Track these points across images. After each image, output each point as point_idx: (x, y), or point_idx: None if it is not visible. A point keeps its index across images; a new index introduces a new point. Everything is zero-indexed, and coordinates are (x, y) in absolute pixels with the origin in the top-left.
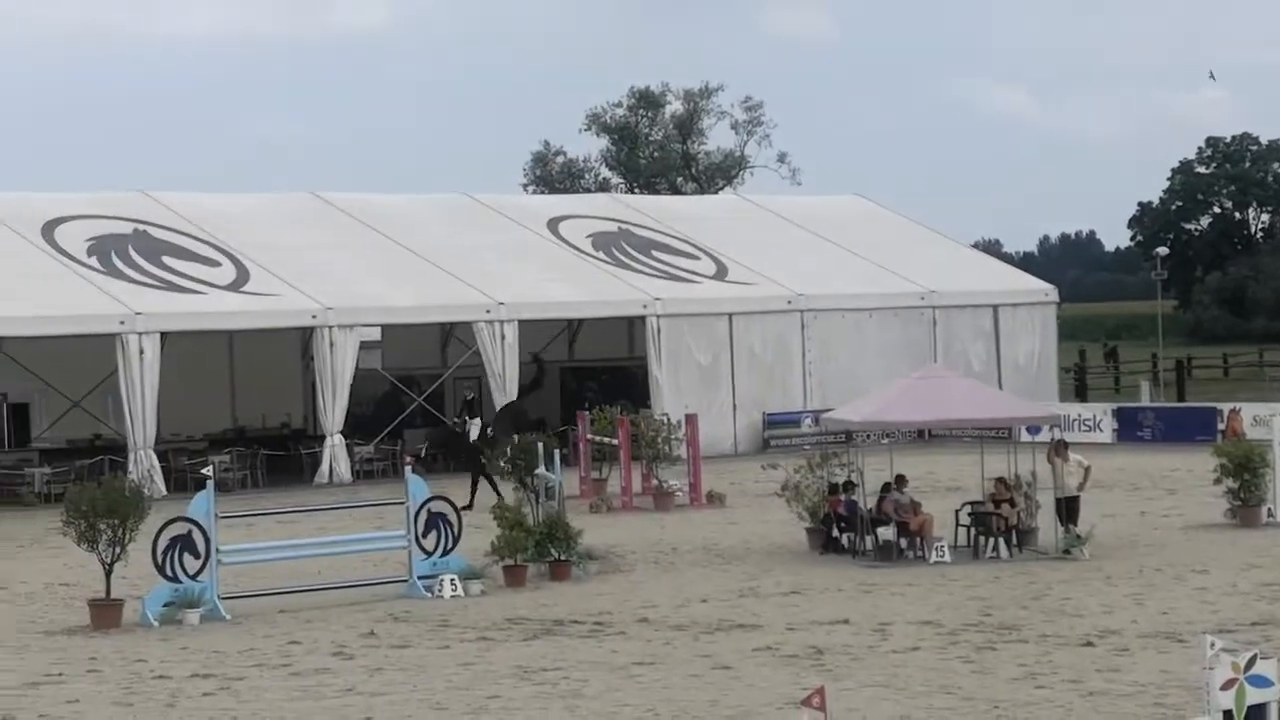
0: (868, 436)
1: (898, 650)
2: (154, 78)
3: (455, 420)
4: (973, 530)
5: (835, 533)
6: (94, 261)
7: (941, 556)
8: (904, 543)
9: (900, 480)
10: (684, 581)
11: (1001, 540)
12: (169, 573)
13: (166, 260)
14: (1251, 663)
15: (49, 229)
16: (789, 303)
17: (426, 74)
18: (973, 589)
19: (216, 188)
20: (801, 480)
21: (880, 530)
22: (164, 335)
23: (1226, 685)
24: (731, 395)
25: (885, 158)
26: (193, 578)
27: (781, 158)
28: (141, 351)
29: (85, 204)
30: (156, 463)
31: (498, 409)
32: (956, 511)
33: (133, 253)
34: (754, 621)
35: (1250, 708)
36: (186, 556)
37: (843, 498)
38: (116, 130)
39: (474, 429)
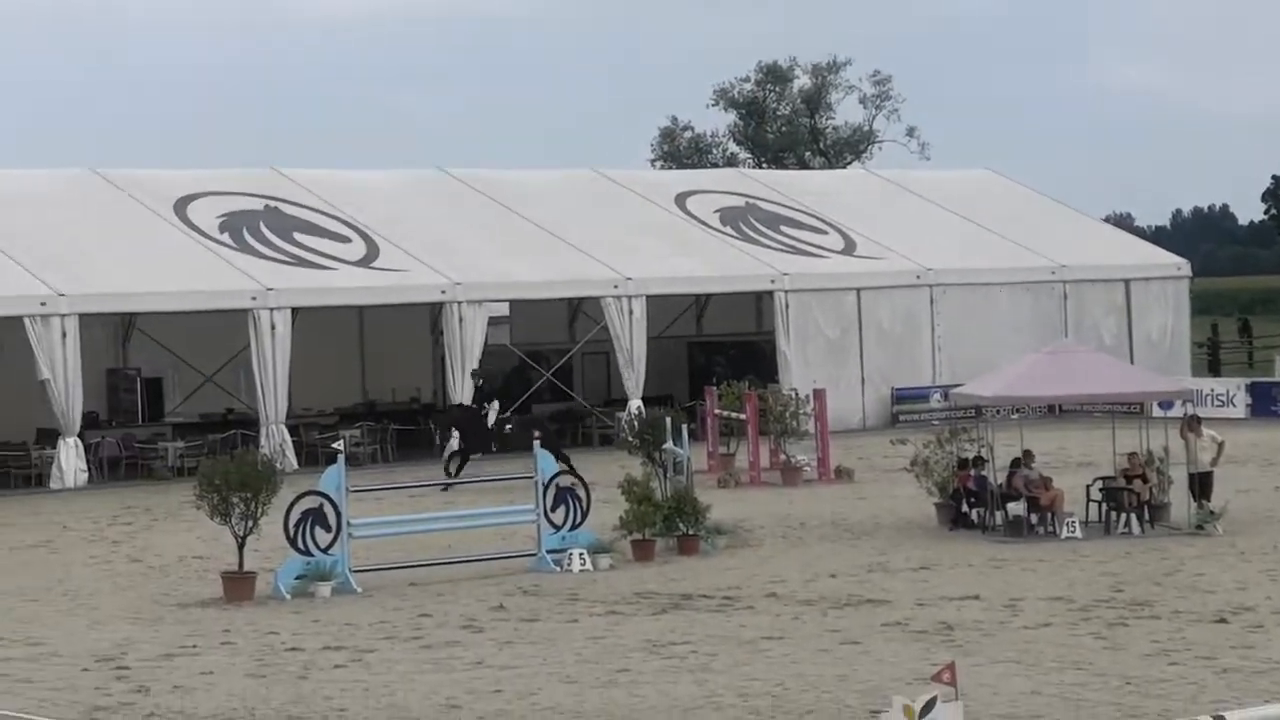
0: (998, 412)
1: (1029, 626)
2: (285, 54)
3: (477, 405)
4: (1104, 506)
5: (965, 508)
6: (226, 238)
7: (1073, 532)
8: (1034, 518)
9: (1028, 455)
10: (812, 556)
11: (1133, 516)
12: (301, 546)
13: (297, 236)
14: None
15: (181, 206)
16: (918, 277)
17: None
18: (1104, 565)
19: (346, 164)
20: (930, 455)
21: (1010, 506)
22: (295, 311)
23: None
24: (860, 370)
25: (1016, 132)
26: (324, 551)
27: (910, 132)
28: (273, 327)
29: (217, 180)
30: (288, 437)
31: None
32: (1088, 487)
33: (264, 229)
34: (883, 597)
35: None
36: (318, 530)
37: (972, 473)
38: (247, 107)
39: (492, 412)
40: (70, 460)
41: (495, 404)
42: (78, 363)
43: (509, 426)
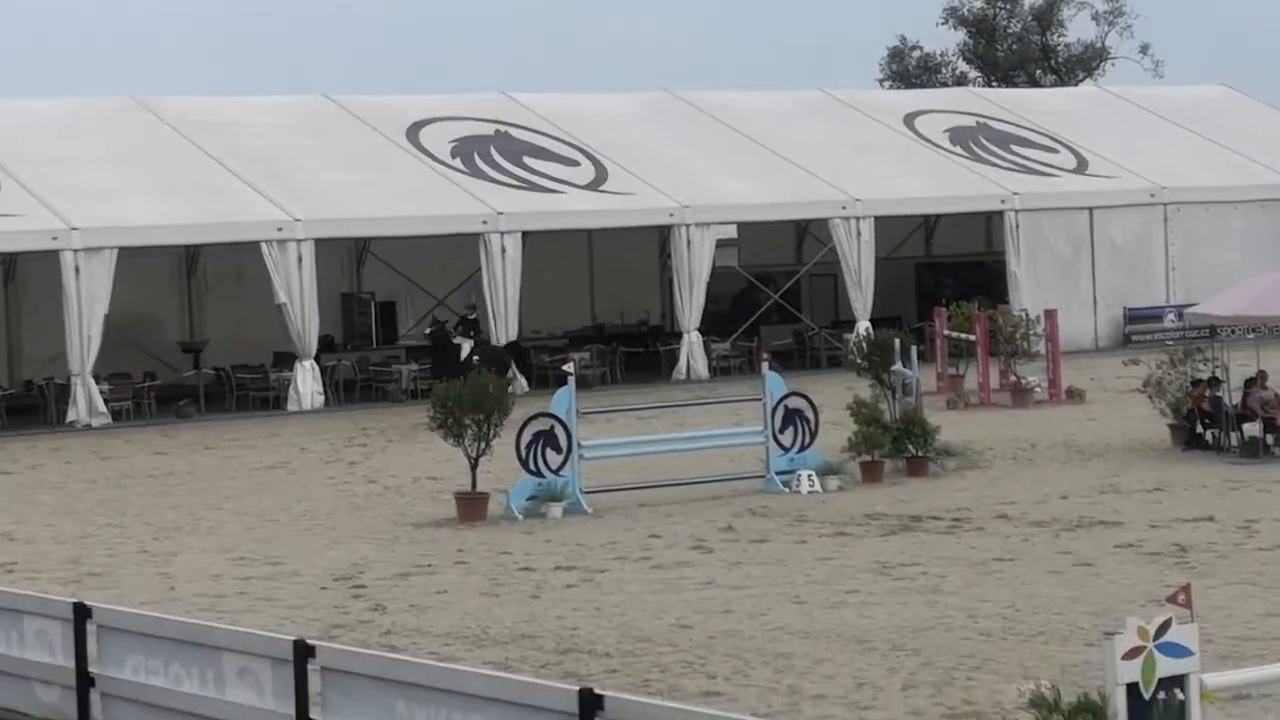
0: (1233, 331)
1: (1264, 548)
2: None
3: (452, 331)
4: None
5: (1199, 429)
6: (457, 163)
7: None
8: (1270, 439)
9: (1263, 376)
10: (1043, 478)
11: None
12: (532, 467)
13: (527, 160)
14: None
15: (413, 131)
16: (1151, 196)
17: None
18: None
19: (574, 87)
20: (1164, 376)
21: (1246, 426)
22: (525, 234)
23: None
24: (1092, 290)
25: (1253, 47)
26: (555, 472)
27: (1144, 49)
28: (504, 250)
29: (447, 106)
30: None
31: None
32: None
33: (494, 153)
34: (1115, 518)
35: None
36: (549, 451)
37: (1207, 393)
38: (475, 31)
39: (465, 347)
40: (307, 383)
41: (470, 342)
42: (314, 287)
43: (475, 358)
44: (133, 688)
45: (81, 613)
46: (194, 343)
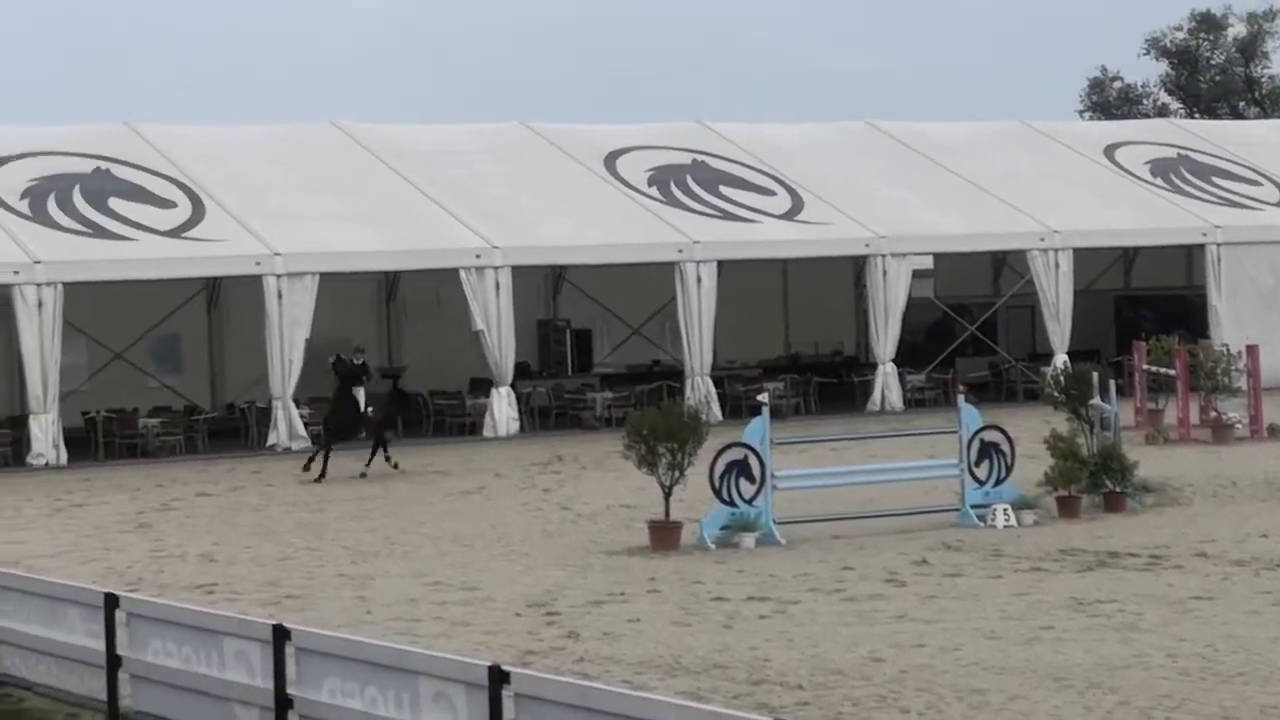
0: None
1: None
2: (710, 5)
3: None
4: None
5: None
6: (654, 191)
7: None
8: None
9: None
10: (1244, 515)
11: None
12: (726, 497)
13: (723, 190)
14: None
15: (610, 160)
16: None
17: (983, 2)
18: None
19: (772, 118)
20: None
21: None
22: (720, 263)
23: None
24: None
25: None
26: (748, 502)
27: None
28: (699, 280)
29: (645, 135)
30: (713, 389)
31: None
32: None
33: (691, 182)
34: None
35: None
36: (743, 481)
37: None
38: (671, 61)
39: (361, 396)
40: (503, 409)
41: (361, 391)
42: (510, 314)
43: (369, 409)
44: (329, 710)
45: (281, 634)
46: (392, 368)
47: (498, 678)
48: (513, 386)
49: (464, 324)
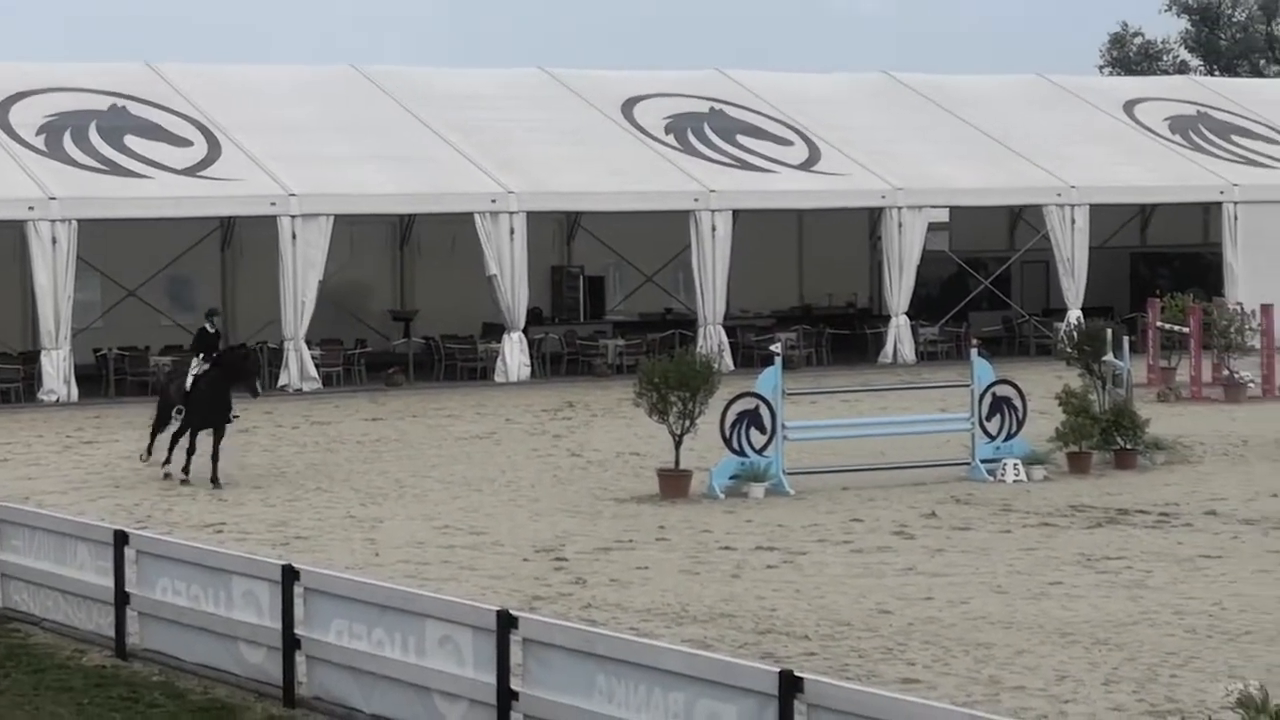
0: None
1: None
2: None
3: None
4: None
5: None
6: (671, 139)
7: None
8: None
9: None
10: (1254, 475)
11: None
12: (736, 446)
13: (740, 139)
14: None
15: (628, 107)
16: None
17: None
18: None
19: (791, 67)
20: None
21: None
22: (735, 213)
23: None
24: None
25: None
26: (759, 452)
27: None
28: (714, 229)
29: (663, 82)
30: (725, 338)
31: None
32: None
33: (708, 131)
34: None
35: None
36: (753, 431)
37: None
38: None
39: (192, 372)
40: (514, 355)
41: (199, 365)
42: (524, 259)
43: (202, 384)
44: (336, 651)
45: (290, 575)
46: (405, 311)
47: (505, 622)
48: (525, 332)
49: (478, 268)
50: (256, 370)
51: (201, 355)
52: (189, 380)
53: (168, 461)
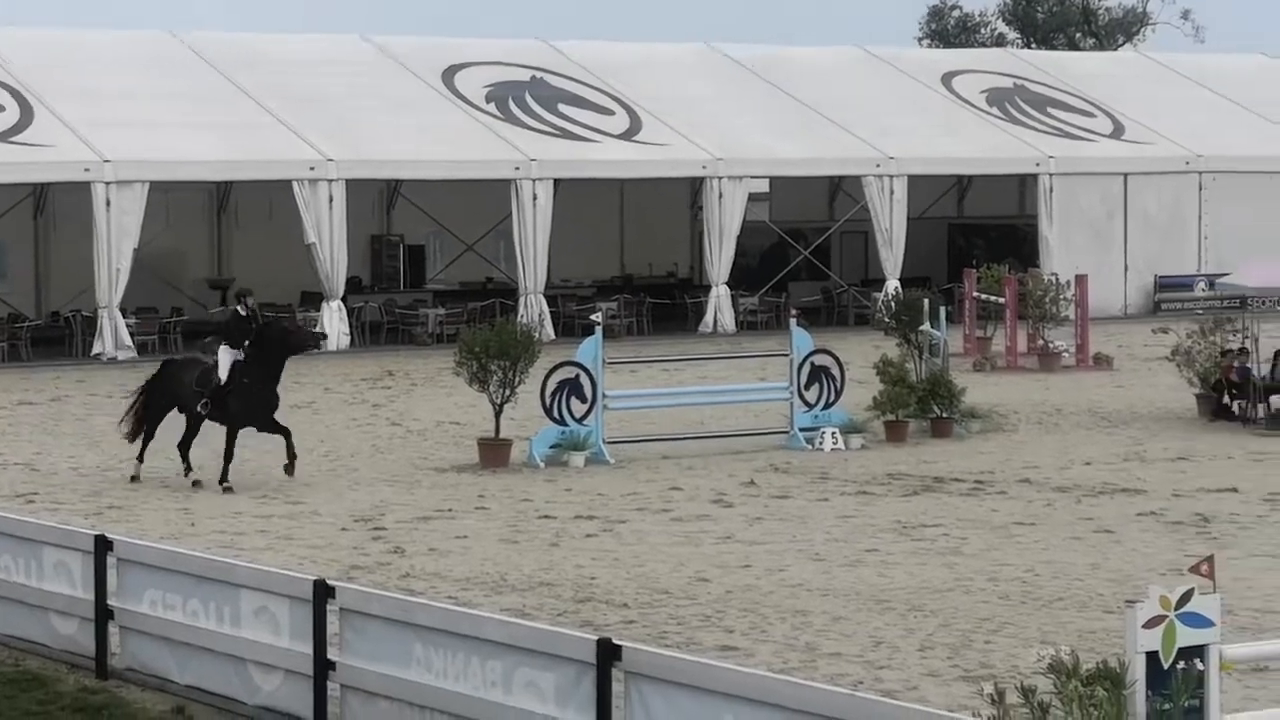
0: (1263, 302)
1: None
2: None
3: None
4: None
5: (1226, 400)
6: (492, 108)
7: None
8: None
9: None
10: (1067, 443)
11: None
12: (556, 415)
13: (562, 108)
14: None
15: (449, 75)
16: (1187, 163)
17: None
18: None
19: (613, 36)
20: (1193, 345)
21: (1274, 398)
22: (557, 182)
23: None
24: (1123, 257)
25: None
26: (579, 421)
27: (1185, 15)
28: (535, 197)
29: (484, 51)
30: (546, 307)
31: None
32: None
33: (529, 100)
34: (1138, 486)
35: None
36: (573, 400)
37: (1236, 364)
38: None
39: (225, 362)
40: (333, 324)
41: (228, 355)
42: (343, 227)
43: (245, 380)
44: (150, 621)
45: (102, 545)
46: (221, 279)
47: (322, 592)
48: (344, 301)
49: (296, 237)
50: (310, 337)
51: (241, 343)
52: (222, 370)
53: (189, 471)
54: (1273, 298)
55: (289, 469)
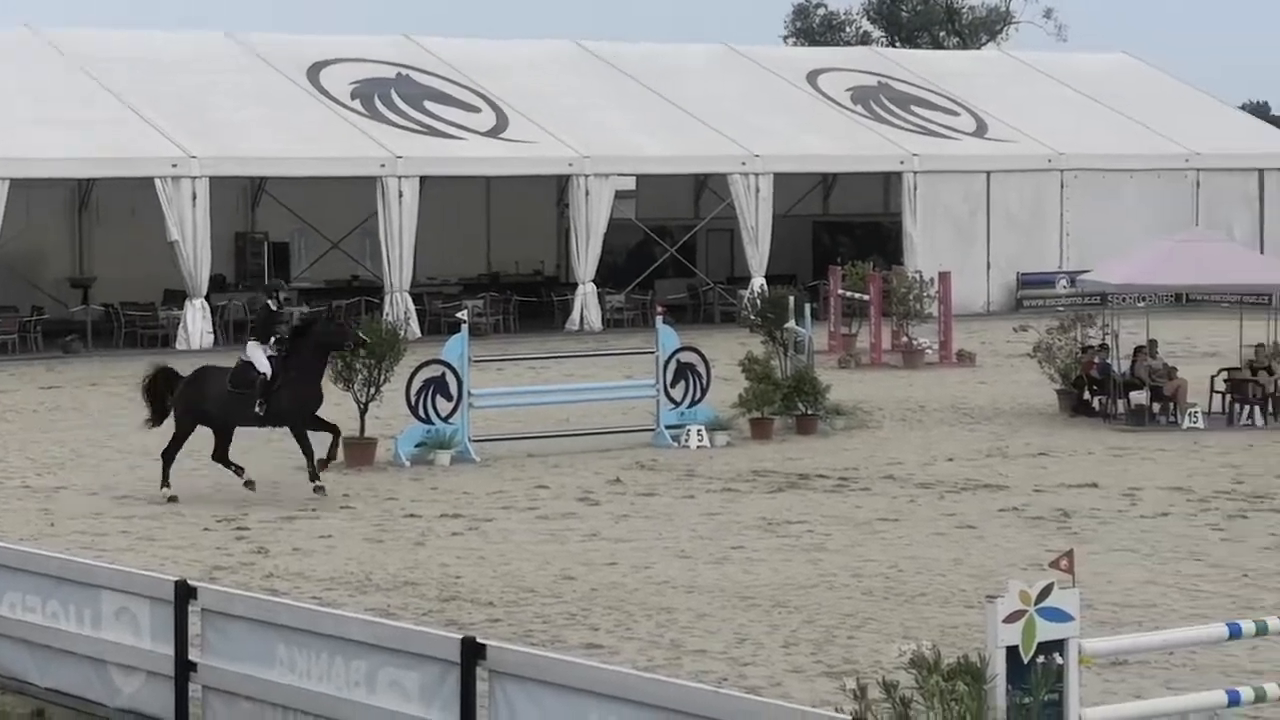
0: (1124, 299)
1: (1146, 516)
2: None
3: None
4: (1228, 397)
5: (1087, 396)
6: (357, 105)
7: (1195, 423)
8: (1157, 408)
9: (1152, 345)
10: (930, 440)
11: (1257, 408)
12: (422, 414)
13: (428, 105)
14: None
15: (314, 72)
16: (1049, 161)
17: None
18: (1225, 456)
19: (478, 33)
20: (1054, 341)
21: (1133, 394)
22: (423, 179)
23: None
24: (986, 254)
25: (1155, 16)
26: (445, 419)
27: (1047, 14)
28: (401, 195)
29: (350, 47)
30: (412, 305)
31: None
32: (1212, 378)
33: (395, 97)
34: (1000, 482)
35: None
36: (439, 398)
37: (1096, 360)
38: None
39: (262, 358)
40: (196, 322)
41: (264, 351)
42: (207, 225)
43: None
44: (9, 624)
45: None
46: (83, 278)
47: (183, 592)
48: (207, 299)
49: (159, 234)
50: (347, 334)
51: (274, 339)
52: (260, 365)
53: (240, 471)
54: (1133, 295)
55: (323, 464)
